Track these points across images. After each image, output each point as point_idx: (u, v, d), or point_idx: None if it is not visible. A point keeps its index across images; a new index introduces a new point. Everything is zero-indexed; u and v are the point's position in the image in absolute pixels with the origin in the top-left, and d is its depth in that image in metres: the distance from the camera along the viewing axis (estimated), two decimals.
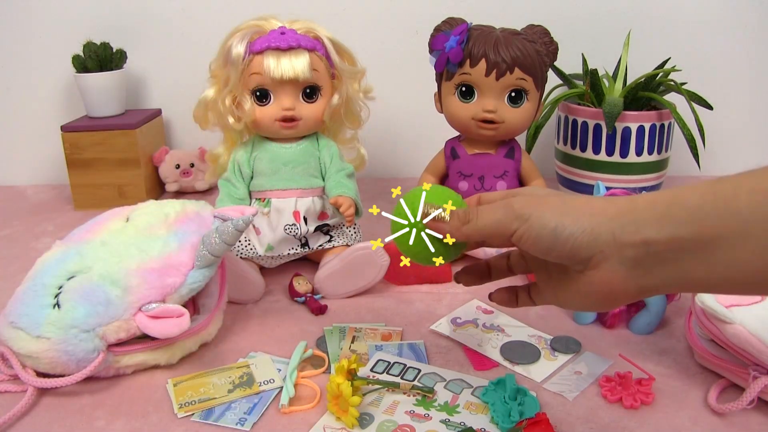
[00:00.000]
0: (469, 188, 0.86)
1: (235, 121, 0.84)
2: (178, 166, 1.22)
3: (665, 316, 0.72)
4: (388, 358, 0.66)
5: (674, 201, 0.37)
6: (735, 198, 0.35)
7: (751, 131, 1.30)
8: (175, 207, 0.73)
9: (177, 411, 0.58)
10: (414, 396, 0.59)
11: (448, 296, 0.81)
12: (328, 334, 0.71)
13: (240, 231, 0.66)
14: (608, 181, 1.06)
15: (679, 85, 1.03)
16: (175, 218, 0.71)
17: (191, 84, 0.99)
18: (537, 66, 0.81)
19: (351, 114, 0.90)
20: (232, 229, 0.65)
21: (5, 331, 0.62)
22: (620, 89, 1.07)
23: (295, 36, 0.80)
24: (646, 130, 1.03)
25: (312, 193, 0.87)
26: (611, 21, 1.22)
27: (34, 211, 1.19)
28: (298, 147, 0.86)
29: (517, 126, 0.84)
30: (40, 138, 1.32)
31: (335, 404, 0.56)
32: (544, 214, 0.41)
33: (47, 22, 1.26)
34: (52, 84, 1.30)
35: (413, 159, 1.25)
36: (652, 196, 0.39)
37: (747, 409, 0.56)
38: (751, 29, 1.23)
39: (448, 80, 0.84)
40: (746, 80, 1.26)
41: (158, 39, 1.27)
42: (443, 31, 0.83)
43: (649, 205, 0.38)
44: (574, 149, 1.08)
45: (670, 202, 0.37)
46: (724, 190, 0.36)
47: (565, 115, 1.09)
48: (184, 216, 0.71)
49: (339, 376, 0.56)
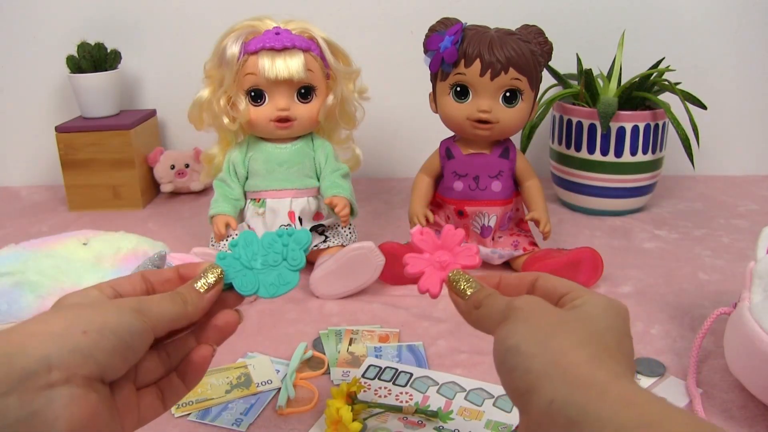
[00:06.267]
0: (464, 188, 0.87)
1: (229, 122, 0.84)
2: (173, 167, 1.22)
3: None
4: (380, 363, 0.66)
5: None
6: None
7: (745, 131, 1.30)
8: (130, 243, 0.74)
9: (174, 411, 0.58)
10: (418, 418, 0.57)
11: (444, 296, 0.81)
12: (324, 337, 0.71)
13: (156, 266, 0.66)
14: (603, 180, 1.06)
15: (673, 85, 1.04)
16: (125, 255, 0.72)
17: (186, 84, 0.99)
18: (532, 66, 0.81)
19: (346, 114, 0.90)
20: (150, 265, 0.65)
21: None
22: (615, 89, 1.07)
23: (290, 36, 0.80)
24: (641, 129, 1.03)
25: (307, 194, 0.87)
26: (605, 21, 1.22)
27: (28, 212, 1.19)
28: (293, 147, 0.86)
29: (511, 126, 0.84)
30: (35, 138, 1.32)
31: (334, 430, 0.53)
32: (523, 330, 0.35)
33: (41, 23, 1.26)
34: (46, 84, 1.29)
35: (408, 159, 1.25)
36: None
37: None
38: (745, 29, 1.23)
39: (442, 80, 0.84)
40: (740, 80, 1.27)
41: (153, 39, 1.27)
42: (438, 31, 0.83)
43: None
44: (568, 149, 1.08)
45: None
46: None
47: (559, 114, 1.10)
48: (132, 254, 0.73)
49: (338, 401, 0.54)
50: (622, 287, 0.83)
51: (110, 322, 0.34)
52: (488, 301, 0.40)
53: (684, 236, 1.00)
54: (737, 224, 1.05)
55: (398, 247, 0.83)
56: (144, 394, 0.39)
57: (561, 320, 0.36)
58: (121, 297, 0.39)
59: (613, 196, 1.08)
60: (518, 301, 0.38)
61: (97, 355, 0.32)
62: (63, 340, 0.32)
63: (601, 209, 1.09)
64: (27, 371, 0.30)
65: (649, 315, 0.76)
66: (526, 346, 0.34)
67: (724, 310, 0.61)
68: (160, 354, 0.41)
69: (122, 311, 0.35)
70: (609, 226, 1.05)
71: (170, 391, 0.40)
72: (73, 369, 0.31)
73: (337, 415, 0.53)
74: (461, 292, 0.42)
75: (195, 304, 0.40)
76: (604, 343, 0.34)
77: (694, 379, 0.61)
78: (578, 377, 0.31)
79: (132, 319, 0.35)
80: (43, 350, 0.31)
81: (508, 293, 0.41)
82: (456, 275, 0.43)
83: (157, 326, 0.37)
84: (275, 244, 0.44)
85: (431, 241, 0.46)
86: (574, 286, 0.39)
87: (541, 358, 0.33)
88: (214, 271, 0.42)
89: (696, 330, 0.71)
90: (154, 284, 0.41)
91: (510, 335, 0.35)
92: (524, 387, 0.33)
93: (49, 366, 0.30)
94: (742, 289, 0.59)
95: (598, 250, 0.82)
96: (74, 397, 0.31)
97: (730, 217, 1.08)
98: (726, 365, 0.62)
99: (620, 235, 1.01)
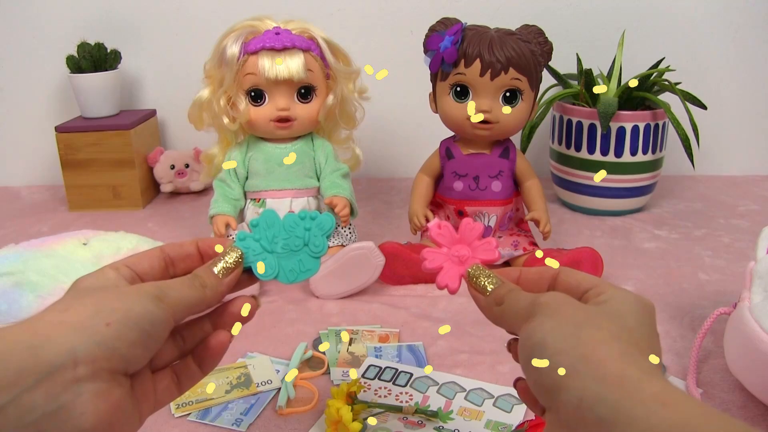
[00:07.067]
0: (464, 188, 0.87)
1: (229, 122, 0.84)
2: (173, 167, 1.22)
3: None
4: (380, 363, 0.66)
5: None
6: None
7: (745, 130, 1.30)
8: (130, 243, 0.74)
9: (174, 411, 0.58)
10: (418, 418, 0.57)
11: (444, 296, 0.81)
12: (324, 337, 0.71)
13: None
14: (604, 180, 1.06)
15: (673, 84, 1.04)
16: (125, 255, 0.72)
17: (186, 84, 0.99)
18: (532, 66, 0.81)
19: (346, 114, 0.90)
20: None
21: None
22: (614, 89, 1.07)
23: (290, 36, 0.80)
24: (641, 129, 1.03)
25: (307, 194, 0.87)
26: (606, 21, 1.22)
27: (29, 212, 1.19)
28: (293, 147, 0.86)
29: (511, 126, 0.84)
30: (35, 139, 1.32)
31: (334, 430, 0.53)
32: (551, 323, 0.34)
33: (41, 23, 1.26)
34: (46, 84, 1.29)
35: (408, 159, 1.25)
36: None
37: None
38: (745, 29, 1.23)
39: (442, 80, 0.84)
40: (740, 80, 1.27)
41: (153, 39, 1.27)
42: (438, 31, 0.83)
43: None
44: (568, 149, 1.08)
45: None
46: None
47: (559, 114, 1.10)
48: (132, 254, 0.73)
49: (338, 401, 0.53)
50: (622, 287, 0.83)
51: (133, 313, 0.33)
52: (511, 297, 0.39)
53: (684, 236, 1.00)
54: (737, 224, 1.05)
55: (398, 247, 0.83)
56: (160, 377, 0.38)
57: (589, 316, 0.34)
58: (139, 278, 0.38)
59: (613, 196, 1.08)
60: (544, 297, 0.36)
61: (121, 347, 0.32)
62: (88, 332, 0.31)
63: (601, 209, 1.09)
64: (53, 365, 0.29)
65: None
66: (554, 342, 0.33)
67: (724, 310, 0.61)
68: (174, 337, 0.40)
69: (143, 299, 0.34)
70: (609, 226, 1.05)
71: (186, 375, 0.40)
72: (98, 363, 0.31)
73: (337, 415, 0.52)
74: (482, 288, 0.41)
75: (214, 288, 0.38)
76: (635, 340, 0.33)
77: (694, 379, 0.61)
78: (609, 374, 0.30)
79: (153, 308, 0.34)
80: (69, 343, 0.30)
81: (529, 288, 0.40)
82: (476, 270, 0.42)
83: (177, 313, 0.36)
84: (297, 227, 0.42)
85: (449, 235, 0.44)
86: (598, 281, 0.38)
87: (569, 354, 0.32)
88: (234, 254, 0.40)
89: (696, 330, 0.71)
90: (174, 259, 0.40)
91: (536, 331, 0.34)
92: (552, 384, 0.32)
93: (75, 360, 0.30)
94: (742, 289, 0.59)
95: (598, 250, 0.82)
96: (100, 392, 0.31)
97: (730, 217, 1.08)
98: (726, 365, 0.62)
99: (620, 235, 1.01)
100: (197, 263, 0.40)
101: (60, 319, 0.32)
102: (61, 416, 0.29)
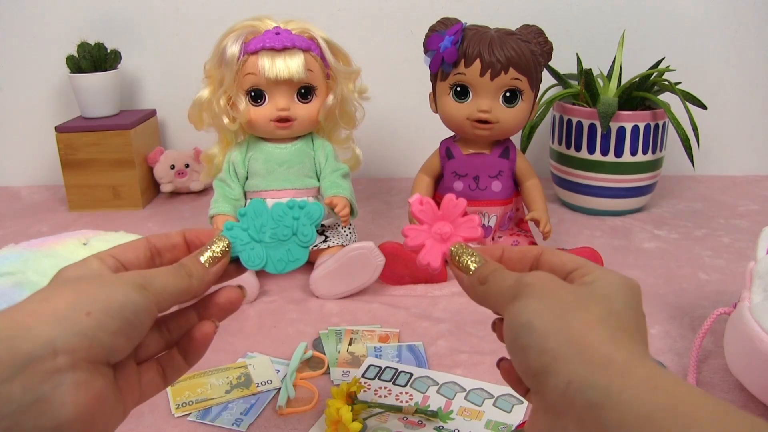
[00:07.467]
0: (464, 188, 0.87)
1: (229, 122, 0.84)
2: (173, 167, 1.22)
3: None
4: (380, 363, 0.66)
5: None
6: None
7: (745, 130, 1.30)
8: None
9: (174, 411, 0.58)
10: (418, 418, 0.57)
11: (444, 296, 0.81)
12: (324, 337, 0.71)
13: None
14: (603, 180, 1.06)
15: (673, 84, 1.04)
16: None
17: (186, 84, 0.99)
18: (532, 66, 0.81)
19: (346, 114, 0.90)
20: None
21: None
22: (615, 89, 1.07)
23: (290, 36, 0.80)
24: (641, 129, 1.03)
25: (307, 194, 0.87)
26: (606, 21, 1.22)
27: (28, 212, 1.19)
28: (293, 147, 0.86)
29: (511, 126, 0.84)
30: (35, 138, 1.32)
31: (334, 430, 0.53)
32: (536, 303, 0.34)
33: (41, 23, 1.26)
34: (46, 84, 1.29)
35: (408, 159, 1.25)
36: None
37: None
38: (745, 29, 1.23)
39: (442, 80, 0.84)
40: (740, 80, 1.27)
41: (153, 39, 1.27)
42: (438, 31, 0.83)
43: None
44: (569, 149, 1.08)
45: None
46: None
47: (559, 114, 1.10)
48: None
49: (338, 401, 0.53)
50: (608, 268, 0.83)
51: (114, 301, 0.32)
52: (495, 276, 0.38)
53: (684, 236, 1.00)
54: (737, 224, 1.05)
55: (398, 247, 0.83)
56: (145, 369, 0.38)
57: (576, 298, 0.34)
58: (124, 267, 0.37)
59: (613, 196, 1.08)
60: (529, 277, 0.35)
61: (102, 337, 0.31)
62: (67, 322, 0.30)
63: (601, 209, 1.09)
64: (31, 356, 0.29)
65: (649, 315, 0.74)
66: (541, 323, 0.32)
67: (724, 310, 0.61)
68: (159, 328, 0.39)
69: (126, 287, 0.33)
70: (609, 226, 1.05)
71: (171, 368, 0.39)
72: (78, 353, 0.30)
73: (337, 415, 0.52)
74: (464, 266, 0.40)
75: (200, 278, 0.38)
76: (622, 322, 0.33)
77: (694, 379, 0.61)
78: (598, 357, 0.30)
79: (136, 296, 0.33)
80: (48, 333, 0.30)
81: (511, 268, 0.39)
82: (458, 249, 0.41)
83: (161, 302, 0.35)
84: (285, 217, 0.42)
85: (431, 211, 0.44)
86: (583, 261, 0.38)
87: (557, 337, 0.31)
88: (221, 243, 0.39)
89: (696, 330, 0.71)
90: (160, 250, 0.40)
91: (522, 312, 0.33)
92: (539, 367, 0.31)
93: (54, 350, 0.29)
94: (742, 289, 0.59)
95: (598, 250, 0.82)
96: (80, 383, 0.30)
97: (730, 217, 1.08)
98: (726, 365, 0.62)
99: (620, 235, 1.01)
100: (184, 254, 0.40)
101: (39, 308, 0.31)
102: (40, 407, 0.29)
